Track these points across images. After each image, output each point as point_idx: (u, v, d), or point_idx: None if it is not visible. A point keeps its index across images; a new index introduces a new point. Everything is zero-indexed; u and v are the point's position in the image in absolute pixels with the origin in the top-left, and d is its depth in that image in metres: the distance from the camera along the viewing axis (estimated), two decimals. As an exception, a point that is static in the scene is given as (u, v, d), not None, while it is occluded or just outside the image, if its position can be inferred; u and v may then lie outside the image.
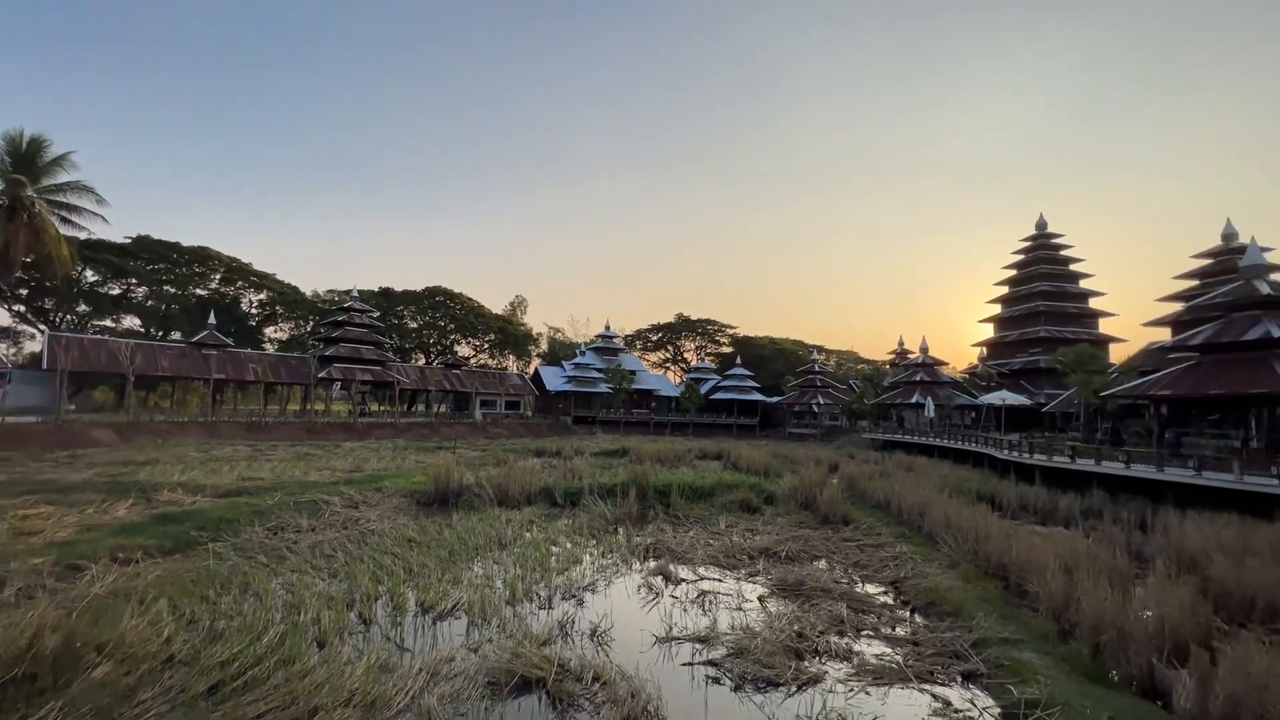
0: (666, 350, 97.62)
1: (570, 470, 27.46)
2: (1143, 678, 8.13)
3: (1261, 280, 27.77)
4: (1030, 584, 11.53)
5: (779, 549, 15.36)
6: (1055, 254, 59.21)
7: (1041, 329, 55.43)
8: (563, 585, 12.17)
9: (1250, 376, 24.86)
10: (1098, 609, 9.26)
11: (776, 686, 8.21)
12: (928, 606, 11.38)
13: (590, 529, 17.41)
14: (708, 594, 12.07)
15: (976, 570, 13.25)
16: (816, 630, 9.98)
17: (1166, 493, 20.45)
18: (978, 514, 17.61)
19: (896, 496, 20.71)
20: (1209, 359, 28.10)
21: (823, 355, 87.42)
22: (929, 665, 8.83)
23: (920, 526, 17.65)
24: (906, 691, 8.21)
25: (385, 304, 73.91)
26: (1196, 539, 14.77)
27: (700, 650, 9.32)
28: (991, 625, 9.79)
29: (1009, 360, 57.82)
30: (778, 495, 22.57)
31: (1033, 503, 21.93)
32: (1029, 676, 7.97)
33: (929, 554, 14.85)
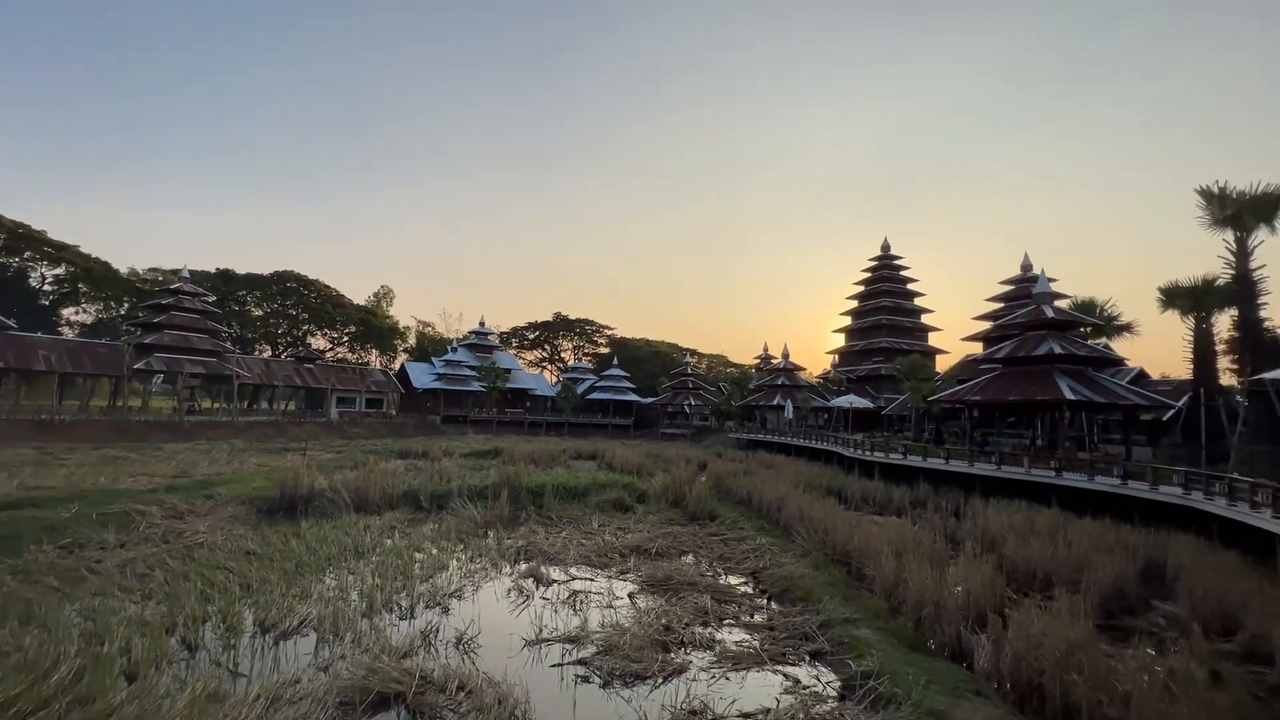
0: (543, 349, 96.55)
1: (438, 472, 26.19)
2: (952, 644, 9.42)
3: (1048, 305, 33.33)
4: (868, 568, 12.89)
5: (649, 546, 15.79)
6: (896, 274, 66.69)
7: (883, 340, 62.15)
8: (427, 593, 11.59)
9: (1038, 386, 29.72)
10: (920, 587, 10.58)
11: (644, 680, 8.44)
12: (783, 594, 12.30)
13: (458, 533, 16.73)
14: (579, 594, 12.11)
15: (825, 558, 14.56)
16: (683, 623, 10.40)
17: (975, 484, 23.84)
18: (827, 507, 19.38)
19: (758, 493, 22.16)
20: (1009, 371, 33.16)
21: (695, 358, 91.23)
22: (782, 648, 9.55)
23: (778, 520, 19.03)
24: (762, 673, 8.81)
25: (224, 288, 65.70)
26: (996, 523, 17.39)
27: (570, 650, 9.32)
28: (835, 607, 10.79)
29: (856, 367, 64.14)
30: (649, 494, 23.18)
31: (873, 495, 24.51)
32: (865, 651, 8.90)
33: (785, 545, 16.05)
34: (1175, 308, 27.69)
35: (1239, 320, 23.97)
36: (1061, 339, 30.89)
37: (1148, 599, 12.15)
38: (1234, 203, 22.53)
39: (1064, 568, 13.03)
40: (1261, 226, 22.79)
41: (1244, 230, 22.88)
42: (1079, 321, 33.56)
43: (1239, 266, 23.18)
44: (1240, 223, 22.85)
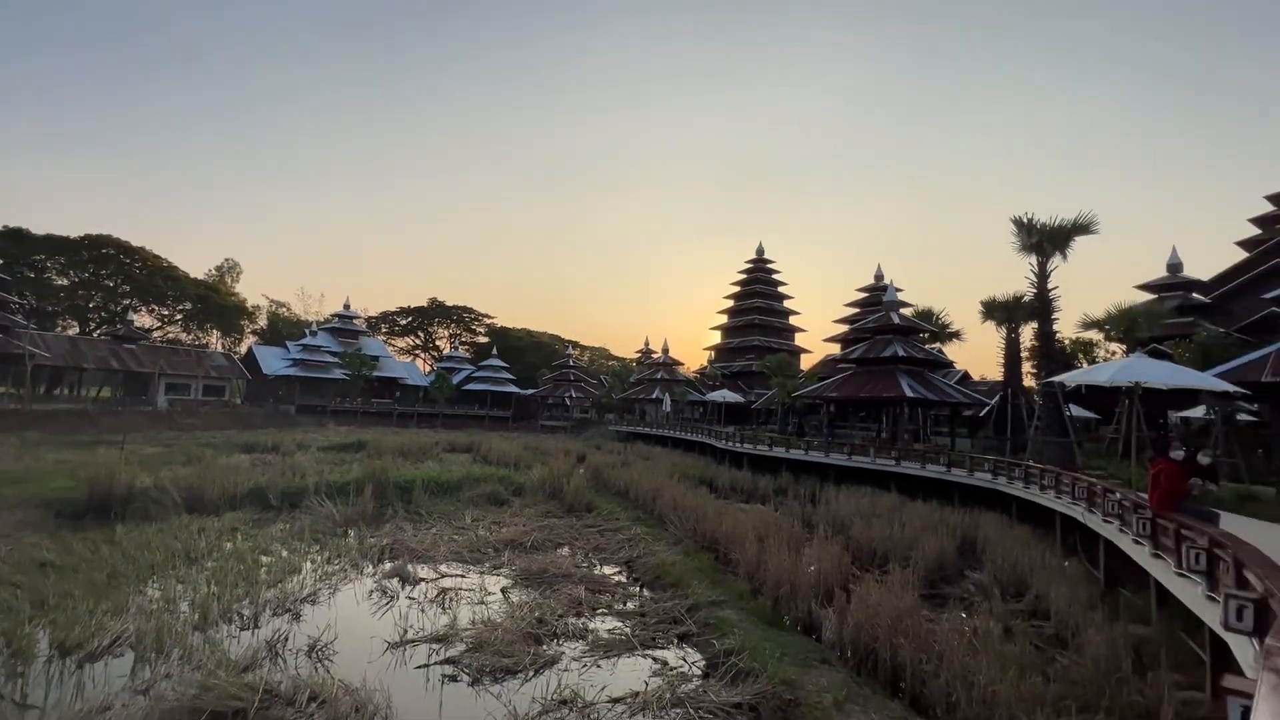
0: (417, 336, 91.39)
1: (291, 467, 23.92)
2: (805, 619, 10.29)
3: (895, 312, 37.29)
4: (734, 553, 13.69)
5: (525, 539, 15.59)
6: (769, 276, 71.10)
7: (755, 339, 66.04)
8: (275, 599, 10.57)
9: (885, 385, 33.18)
10: (779, 569, 11.43)
11: (515, 674, 8.34)
12: (655, 581, 12.70)
13: (314, 533, 15.42)
14: (449, 591, 11.68)
15: (695, 545, 15.24)
16: (556, 614, 10.39)
17: (830, 472, 26.13)
18: (699, 497, 20.28)
19: (635, 484, 22.66)
20: (861, 370, 36.68)
21: (578, 351, 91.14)
22: (653, 633, 9.88)
23: (653, 510, 19.59)
24: (633, 658, 9.06)
25: (16, 250, 55.00)
26: (845, 507, 19.17)
27: (437, 650, 8.97)
28: (703, 591, 11.35)
29: (731, 363, 67.61)
30: (526, 487, 22.86)
31: (741, 485, 26.00)
32: (728, 630, 9.46)
33: (659, 534, 16.58)
34: (992, 319, 32.07)
35: (1038, 332, 28.31)
36: (905, 343, 34.72)
37: (962, 570, 14.06)
38: (1038, 232, 26.54)
39: (899, 546, 14.71)
40: (1057, 254, 27.09)
41: (1045, 256, 27.06)
42: (919, 328, 37.87)
43: (1040, 287, 27.39)
44: (1042, 249, 26.99)
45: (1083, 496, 13.03)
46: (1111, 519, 10.82)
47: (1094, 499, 12.23)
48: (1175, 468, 8.14)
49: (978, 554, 14.88)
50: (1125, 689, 7.13)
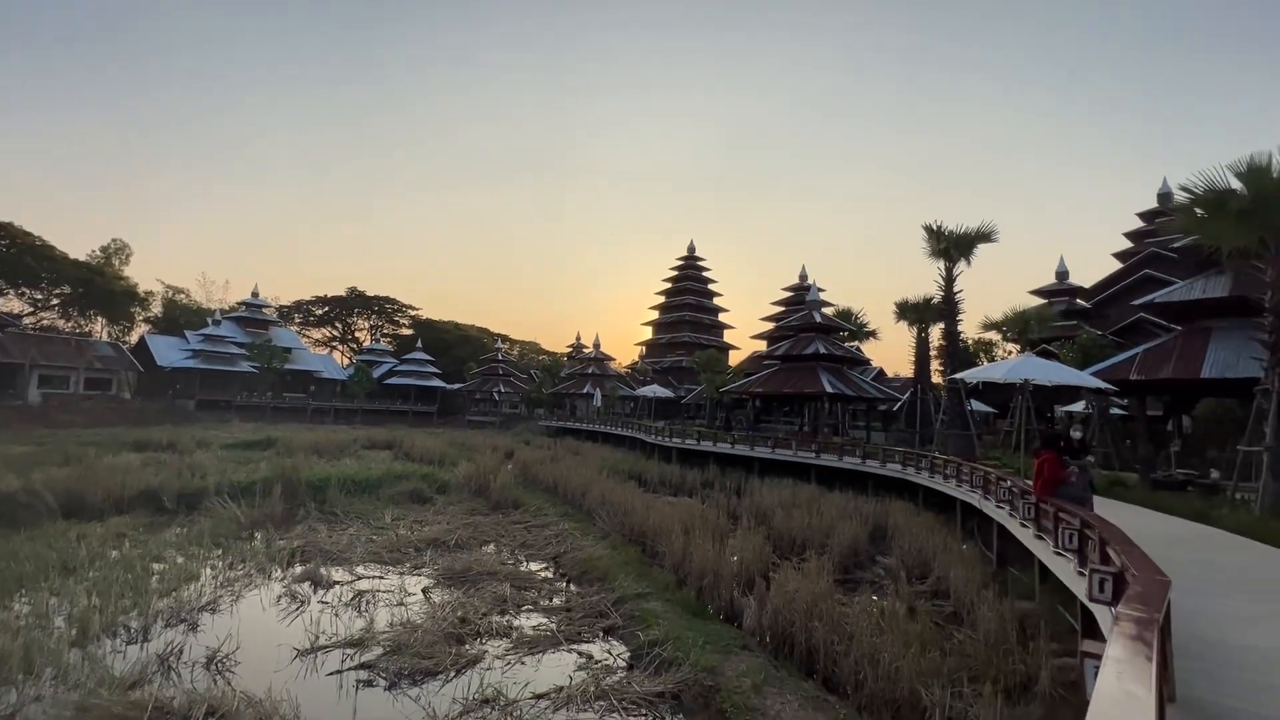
0: (334, 328, 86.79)
1: (189, 467, 22.13)
2: (727, 607, 10.60)
3: (817, 311, 38.93)
4: (661, 546, 13.87)
5: (449, 538, 15.17)
6: (699, 274, 72.40)
7: (686, 335, 67.12)
8: (169, 610, 9.78)
9: (806, 380, 34.60)
10: (703, 560, 11.70)
11: (435, 675, 8.11)
12: (581, 575, 12.70)
13: (215, 537, 14.36)
14: (366, 594, 11.20)
15: (623, 539, 15.34)
16: (480, 613, 10.19)
17: (755, 465, 26.99)
18: (628, 491, 20.42)
19: (564, 479, 22.53)
20: (785, 366, 38.07)
21: (507, 344, 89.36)
22: (578, 627, 9.87)
23: (582, 505, 19.56)
24: (558, 654, 9.02)
25: None
26: (768, 499, 19.85)
27: (352, 655, 8.59)
28: (630, 584, 11.45)
29: (661, 359, 68.39)
30: (451, 484, 22.25)
31: (670, 478, 26.38)
32: (653, 621, 9.60)
33: (587, 529, 16.57)
34: (905, 319, 34.11)
35: (945, 332, 30.39)
36: (826, 341, 36.31)
37: (874, 555, 14.92)
38: (945, 238, 28.45)
39: (817, 534, 15.40)
40: (962, 259, 29.15)
41: (951, 261, 29.06)
42: (839, 327, 39.70)
43: (947, 290, 29.39)
44: (949, 255, 28.96)
45: (979, 484, 14.11)
46: (1003, 505, 11.77)
47: (989, 487, 13.26)
48: (1056, 456, 8.97)
49: (888, 540, 15.80)
50: (1010, 659, 7.80)
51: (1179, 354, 19.59)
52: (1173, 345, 20.24)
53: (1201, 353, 19.07)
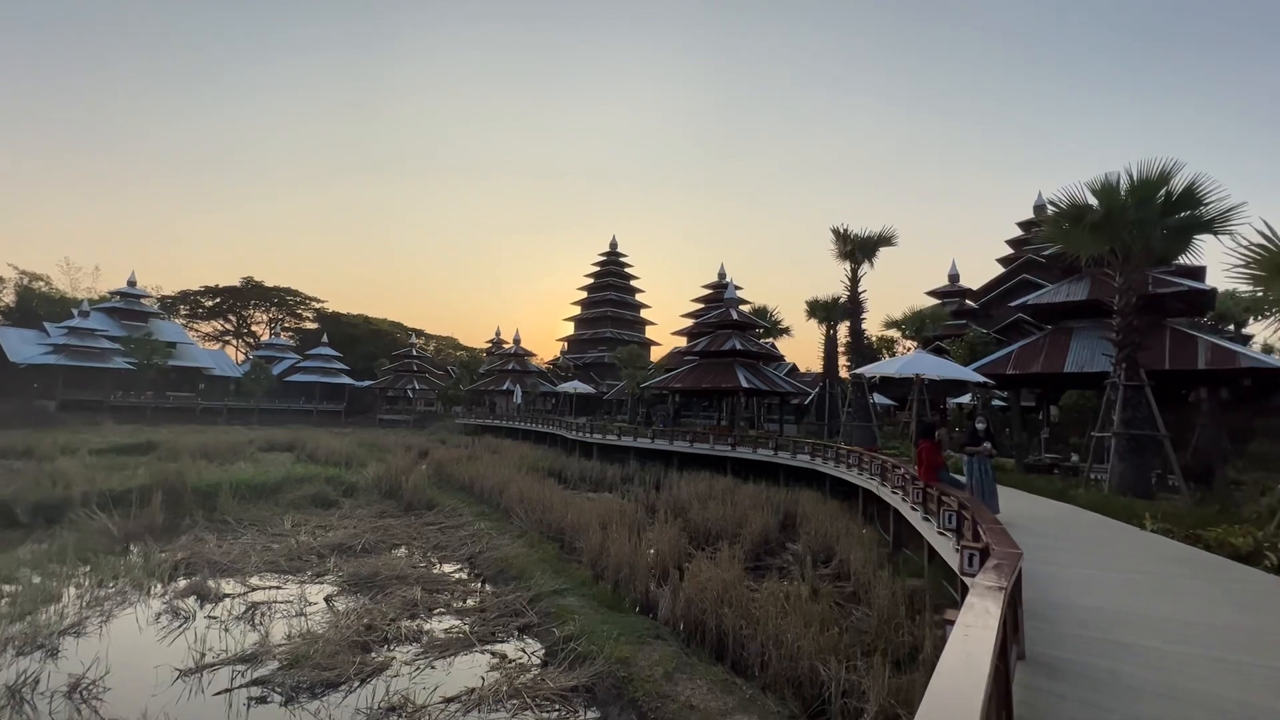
0: (228, 320, 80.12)
1: (50, 475, 19.77)
2: (643, 599, 10.77)
3: (734, 309, 40.08)
4: (579, 541, 13.88)
5: (355, 542, 14.45)
6: (621, 269, 72.63)
7: (608, 330, 67.21)
8: (22, 635, 8.73)
9: (724, 376, 35.59)
10: (620, 554, 11.82)
11: (337, 686, 7.74)
12: (497, 575, 12.48)
13: (81, 552, 12.93)
14: (260, 606, 10.49)
15: (541, 536, 15.21)
16: (388, 619, 9.81)
17: (674, 459, 27.50)
18: (547, 488, 20.25)
19: (481, 478, 22.02)
20: (704, 362, 38.96)
21: (422, 340, 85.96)
22: (493, 628, 9.71)
23: (500, 504, 19.20)
24: (470, 656, 8.84)
25: None
26: (685, 491, 20.30)
27: (243, 672, 8.02)
28: (546, 581, 11.39)
29: (584, 355, 68.13)
30: (360, 486, 21.19)
31: (591, 474, 26.39)
32: (569, 617, 9.61)
33: (504, 527, 16.29)
34: (815, 317, 35.90)
35: (851, 329, 32.26)
36: (743, 337, 37.49)
37: (784, 542, 15.62)
38: (851, 241, 30.16)
39: (731, 524, 15.92)
40: (866, 261, 31.02)
41: (856, 263, 30.85)
42: (755, 324, 41.08)
43: (852, 290, 31.18)
44: (854, 257, 30.73)
45: (878, 473, 15.11)
46: (897, 490, 12.68)
47: (886, 474, 14.24)
48: (932, 445, 9.82)
49: (797, 527, 16.58)
50: (900, 631, 8.44)
51: (1047, 351, 21.80)
52: (1042, 343, 22.49)
53: (1065, 350, 21.32)
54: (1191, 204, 13.97)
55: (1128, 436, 14.10)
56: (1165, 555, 7.99)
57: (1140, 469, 13.99)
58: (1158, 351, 17.87)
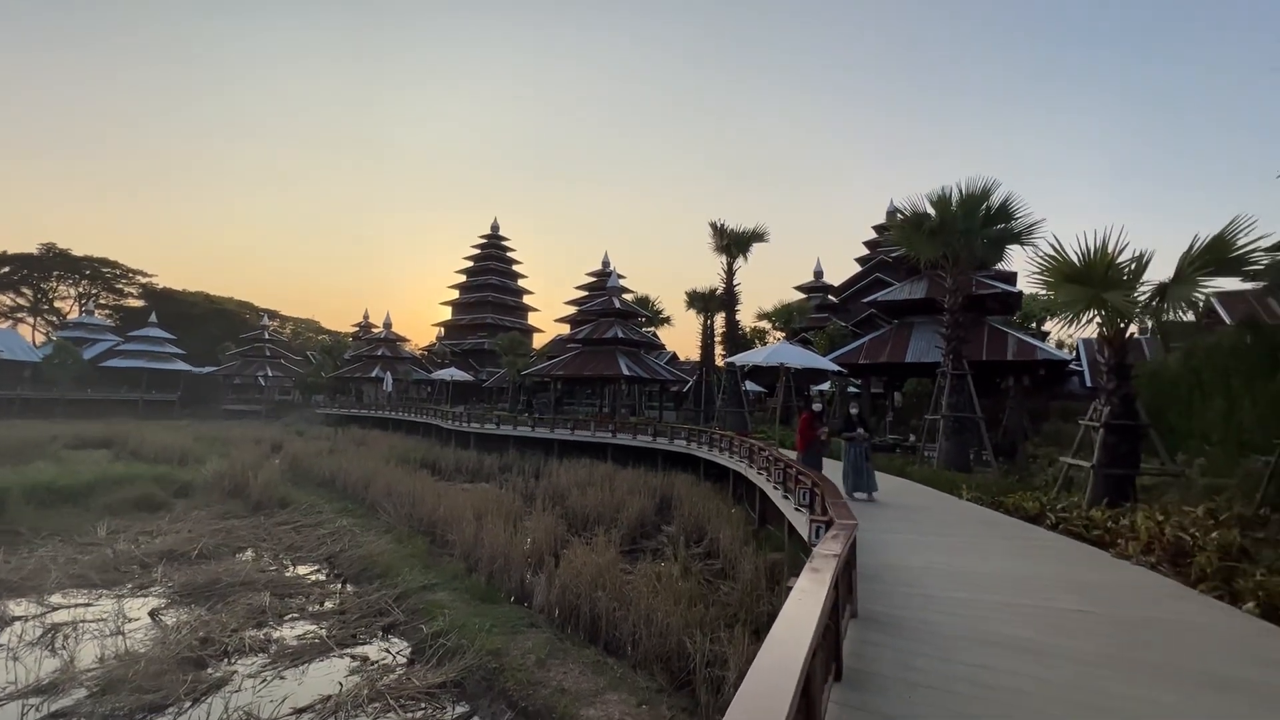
0: (20, 294, 67.34)
1: None
2: (518, 588, 10.65)
3: (617, 297, 40.50)
4: (452, 534, 13.40)
5: (189, 548, 12.86)
6: (503, 253, 70.41)
7: (489, 316, 64.99)
8: None
9: (606, 364, 35.90)
10: (495, 544, 11.58)
11: (163, 710, 6.88)
12: (360, 574, 11.72)
13: None
14: (64, 627, 9.02)
15: (411, 531, 14.50)
16: (229, 629, 8.86)
17: (555, 447, 27.33)
18: (419, 479, 19.29)
19: (344, 472, 20.51)
20: (587, 350, 39.03)
21: (277, 322, 78.02)
22: (353, 630, 9.12)
23: (365, 498, 18.01)
24: (328, 661, 8.24)
25: None
26: (565, 479, 20.29)
27: (39, 705, 6.87)
28: (415, 577, 10.88)
29: (462, 341, 65.41)
30: (197, 485, 18.89)
31: (467, 464, 25.51)
32: (438, 612, 9.27)
33: (370, 523, 15.31)
34: (694, 308, 37.25)
35: (726, 320, 33.89)
36: (624, 326, 38.01)
37: (659, 525, 16.15)
38: (728, 235, 31.61)
39: (609, 509, 16.16)
40: (741, 255, 32.69)
41: (732, 257, 32.40)
42: (637, 313, 41.82)
43: (728, 282, 32.73)
44: (730, 251, 32.26)
45: (746, 455, 16.05)
46: (763, 471, 13.55)
47: (753, 456, 15.16)
48: (810, 417, 10.81)
49: (672, 509, 17.21)
50: (761, 601, 9.07)
51: (892, 343, 24.36)
52: (889, 336, 25.09)
53: (907, 342, 23.94)
54: (1005, 218, 16.19)
55: (953, 418, 16.15)
56: (976, 519, 9.28)
57: (961, 446, 16.10)
58: (977, 345, 20.62)
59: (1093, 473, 9.47)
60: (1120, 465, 9.36)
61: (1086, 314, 9.64)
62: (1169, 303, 9.25)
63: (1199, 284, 8.97)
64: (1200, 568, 5.98)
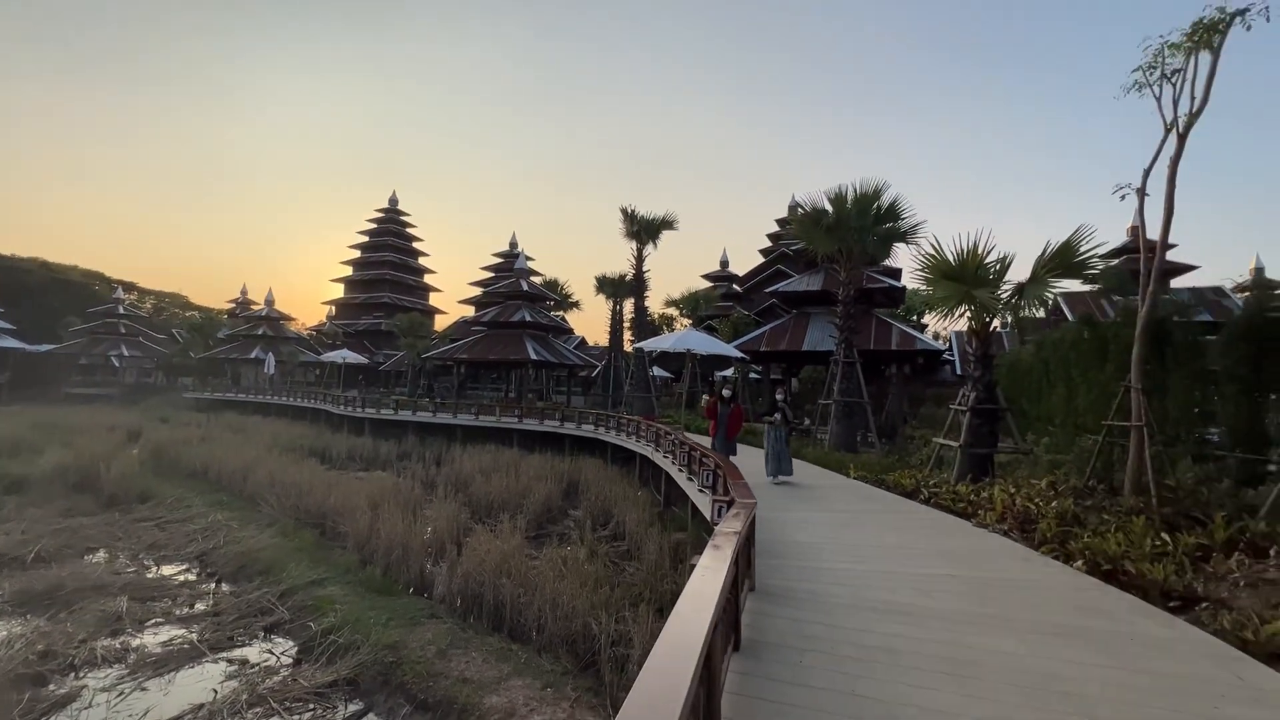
0: None
1: None
2: (417, 579, 10.24)
3: (525, 280, 39.60)
4: (344, 525, 12.63)
5: (22, 551, 11.25)
6: (402, 229, 66.54)
7: (386, 295, 61.34)
8: None
9: (512, 347, 35.10)
10: (392, 534, 11.06)
11: (-10, 737, 6.01)
12: (238, 572, 10.79)
13: None
14: None
15: (298, 523, 13.51)
16: (77, 640, 7.88)
17: (458, 433, 26.44)
18: (307, 469, 18.02)
19: (218, 462, 18.72)
20: (492, 333, 37.94)
21: (134, 295, 69.38)
22: (230, 632, 8.40)
23: (243, 490, 16.55)
24: (199, 667, 7.55)
25: None
26: (469, 465, 19.71)
27: None
28: (302, 572, 10.18)
29: (356, 321, 61.37)
30: (33, 480, 16.52)
31: (362, 452, 24.10)
32: (329, 608, 8.73)
33: (250, 517, 14.12)
34: (603, 293, 37.19)
35: (635, 306, 34.18)
36: (532, 309, 37.31)
37: (566, 509, 16.12)
38: (638, 222, 31.79)
39: (514, 496, 15.89)
40: (650, 242, 33.00)
41: (642, 243, 32.64)
42: (546, 296, 41.17)
43: (637, 268, 32.98)
44: (640, 237, 32.48)
45: (652, 439, 16.35)
46: (669, 454, 13.88)
47: (659, 440, 15.47)
48: (715, 400, 11.16)
49: (579, 494, 17.22)
50: (665, 580, 9.32)
51: (791, 332, 25.67)
52: (788, 325, 26.41)
53: (804, 331, 25.33)
54: (893, 217, 17.45)
55: (843, 403, 17.31)
56: (861, 495, 10.04)
57: (850, 429, 17.32)
58: (866, 335, 22.19)
59: (960, 452, 10.52)
60: (982, 445, 10.47)
61: (959, 308, 10.62)
62: (1025, 300, 10.40)
63: (1050, 284, 10.15)
64: (1042, 533, 6.83)
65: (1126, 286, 21.54)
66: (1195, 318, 10.18)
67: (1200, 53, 7.71)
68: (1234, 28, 7.45)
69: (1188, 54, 7.81)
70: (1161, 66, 8.11)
